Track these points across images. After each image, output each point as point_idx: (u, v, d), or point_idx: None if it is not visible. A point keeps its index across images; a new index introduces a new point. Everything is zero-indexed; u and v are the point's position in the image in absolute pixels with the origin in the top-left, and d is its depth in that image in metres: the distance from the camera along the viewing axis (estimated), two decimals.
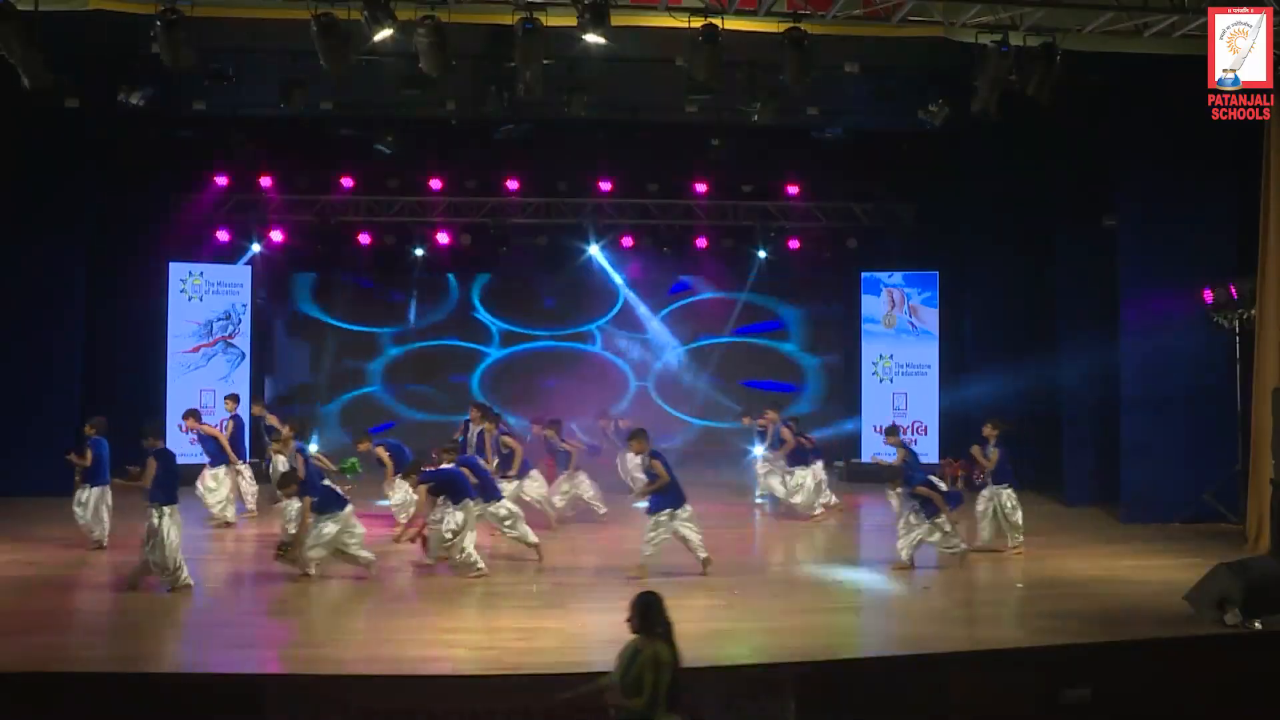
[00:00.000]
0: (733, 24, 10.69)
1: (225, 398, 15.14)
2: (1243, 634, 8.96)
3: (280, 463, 12.85)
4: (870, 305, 18.44)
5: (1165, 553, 12.15)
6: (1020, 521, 12.23)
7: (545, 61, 11.08)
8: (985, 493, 12.36)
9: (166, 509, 10.19)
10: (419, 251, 18.78)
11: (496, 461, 13.26)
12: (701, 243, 18.95)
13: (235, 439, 14.24)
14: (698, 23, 10.59)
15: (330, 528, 10.60)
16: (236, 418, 14.69)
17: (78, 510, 11.88)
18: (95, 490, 11.91)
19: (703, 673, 8.27)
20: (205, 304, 17.27)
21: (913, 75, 13.41)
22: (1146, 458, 13.86)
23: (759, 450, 15.40)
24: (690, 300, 20.09)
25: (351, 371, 19.64)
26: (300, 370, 19.59)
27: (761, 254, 19.30)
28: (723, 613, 9.90)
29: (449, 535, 10.82)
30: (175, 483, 10.48)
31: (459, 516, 10.84)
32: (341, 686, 8.00)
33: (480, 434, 13.72)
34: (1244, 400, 13.37)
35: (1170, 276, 13.93)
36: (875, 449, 18.03)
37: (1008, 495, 12.24)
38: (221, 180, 17.55)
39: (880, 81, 13.58)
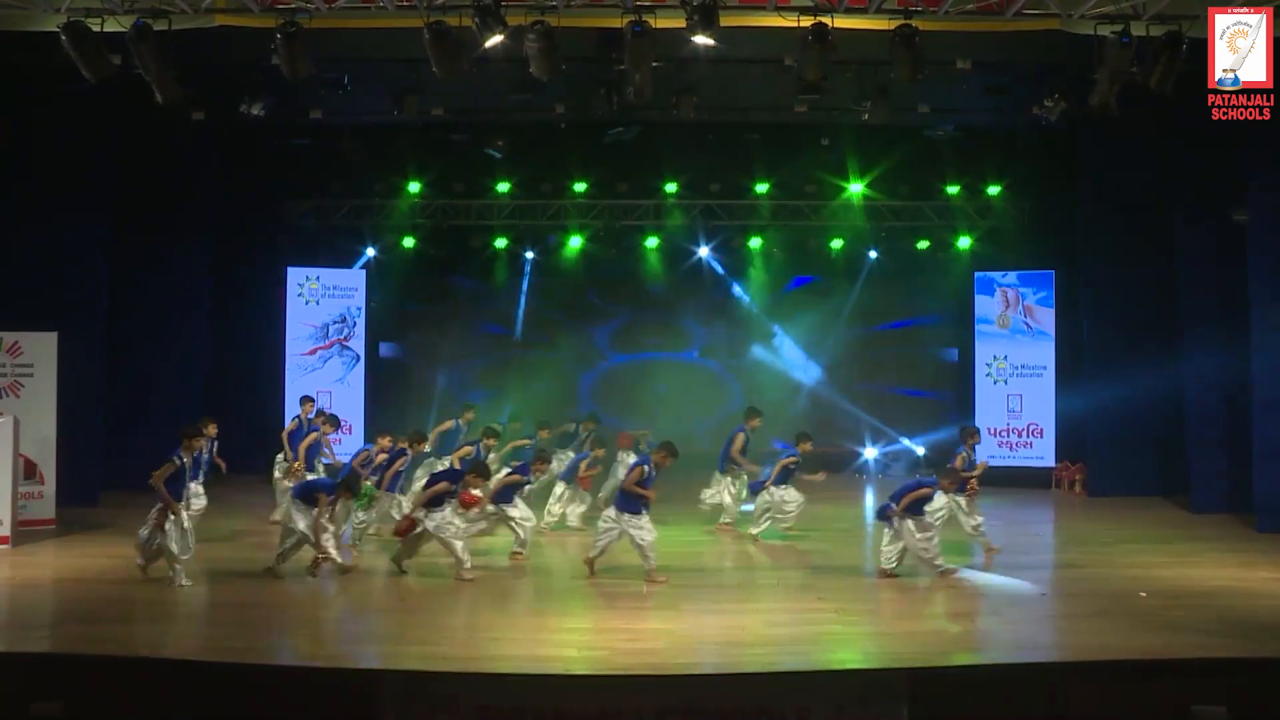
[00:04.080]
0: (842, 22, 10.57)
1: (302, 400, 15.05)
2: None
3: None
4: (984, 305, 18.06)
5: None
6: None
7: (654, 64, 11.10)
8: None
9: None
10: (530, 254, 19.04)
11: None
12: (812, 243, 18.80)
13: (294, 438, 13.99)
14: (807, 22, 10.49)
15: None
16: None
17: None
18: None
19: (814, 676, 8.21)
20: (321, 307, 17.77)
21: (1027, 70, 13.06)
22: None
23: None
24: (803, 301, 19.85)
25: (469, 375, 19.88)
26: (417, 373, 19.84)
27: (873, 254, 19.12)
28: (835, 616, 9.79)
29: None
30: None
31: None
32: (454, 683, 8.11)
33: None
34: None
35: None
36: (990, 452, 17.66)
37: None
38: (337, 186, 18.02)
39: (993, 77, 13.28)
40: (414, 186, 17.85)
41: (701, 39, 10.61)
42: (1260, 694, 8.13)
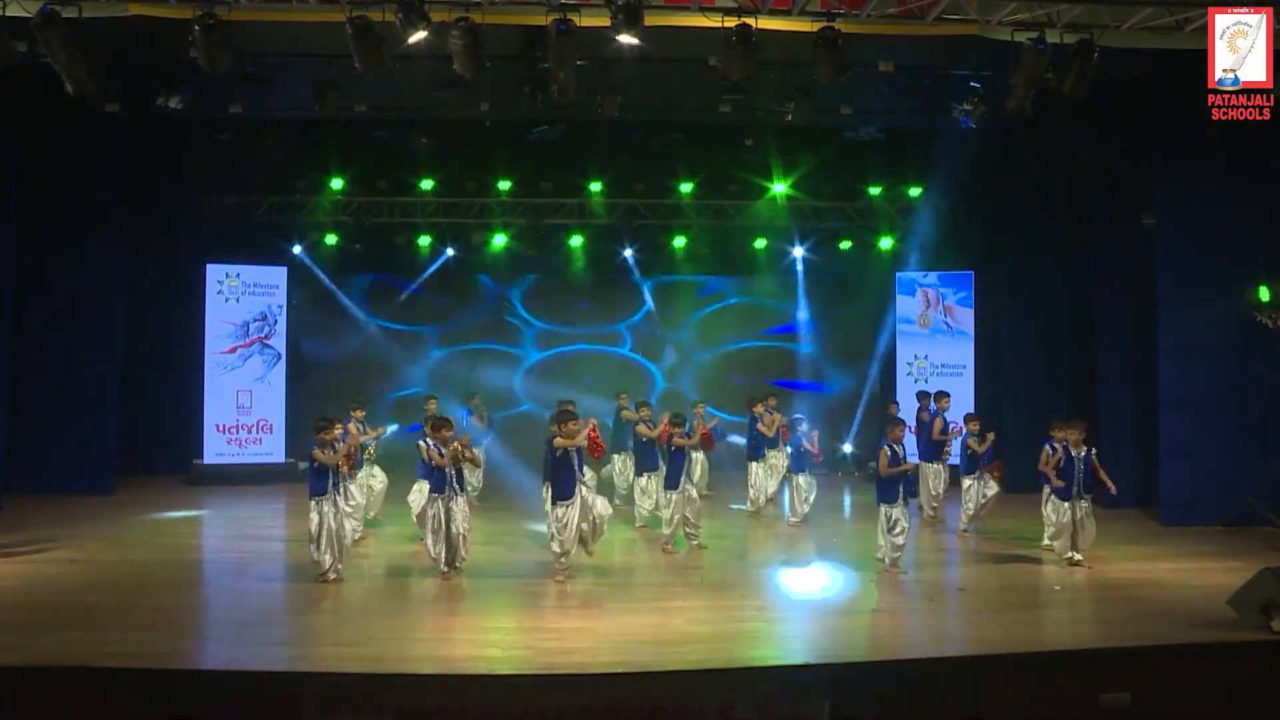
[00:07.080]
0: (766, 23, 10.65)
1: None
2: None
3: None
4: (905, 305, 18.34)
5: (1206, 555, 12.02)
6: None
7: (579, 62, 11.09)
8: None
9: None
10: (450, 251, 18.92)
11: None
12: (736, 242, 18.93)
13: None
14: (731, 22, 10.57)
15: None
16: None
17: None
18: None
19: (737, 674, 8.27)
20: (242, 305, 17.43)
21: (947, 73, 13.30)
22: (1186, 459, 13.72)
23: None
24: (725, 301, 20.03)
25: (392, 371, 19.66)
26: (335, 370, 19.58)
27: (798, 253, 19.31)
28: (758, 613, 9.87)
29: None
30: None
31: None
32: (376, 685, 8.04)
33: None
34: None
35: (1210, 275, 13.78)
36: (910, 450, 17.90)
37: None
38: (257, 182, 17.72)
39: (914, 80, 13.49)
40: (336, 183, 17.62)
41: (626, 38, 10.62)
42: (1162, 680, 8.41)
